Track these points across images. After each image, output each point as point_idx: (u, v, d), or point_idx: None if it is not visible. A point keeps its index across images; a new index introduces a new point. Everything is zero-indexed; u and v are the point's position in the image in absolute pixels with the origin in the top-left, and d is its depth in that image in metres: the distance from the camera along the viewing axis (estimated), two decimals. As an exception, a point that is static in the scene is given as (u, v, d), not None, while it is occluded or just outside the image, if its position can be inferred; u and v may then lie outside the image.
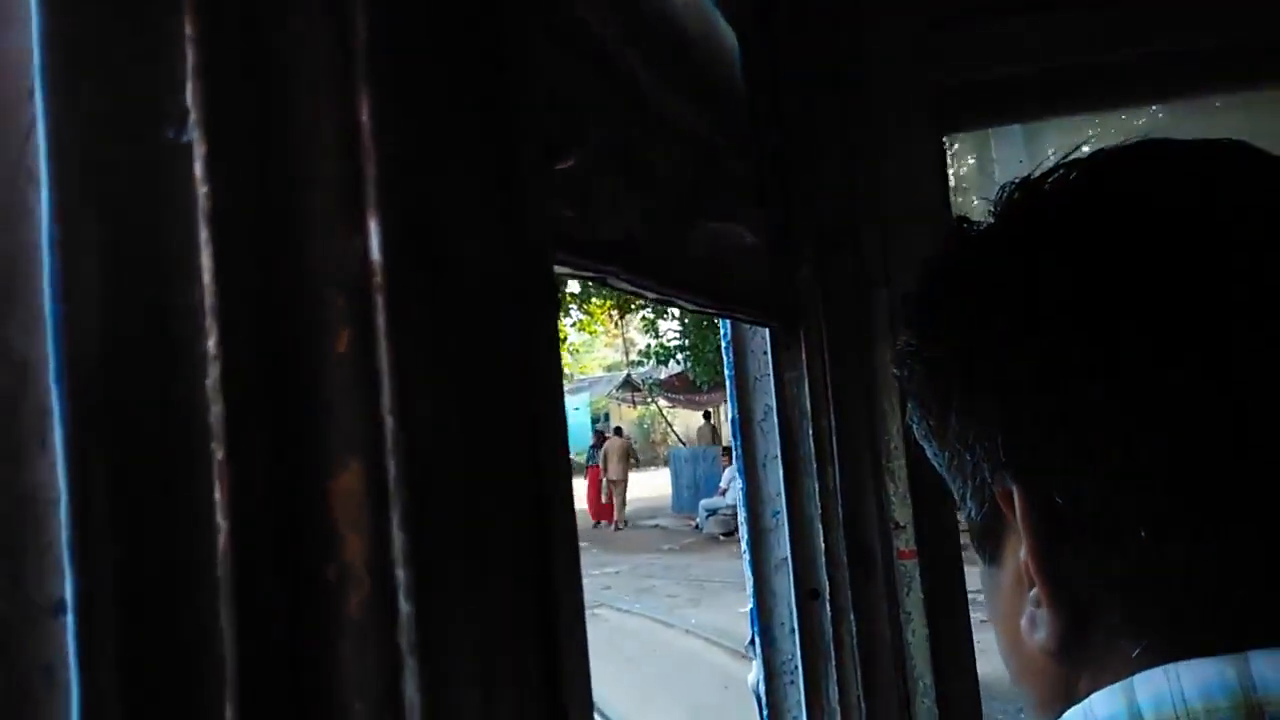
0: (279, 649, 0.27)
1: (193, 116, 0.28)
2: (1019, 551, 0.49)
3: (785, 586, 1.56)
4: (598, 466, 17.49)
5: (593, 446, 18.36)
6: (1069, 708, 0.47)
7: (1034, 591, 0.48)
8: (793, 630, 1.57)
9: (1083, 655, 0.48)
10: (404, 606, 0.28)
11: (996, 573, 0.52)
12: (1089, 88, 1.56)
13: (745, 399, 1.54)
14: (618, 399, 26.00)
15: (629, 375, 24.52)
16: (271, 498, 0.27)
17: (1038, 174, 0.52)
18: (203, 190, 0.27)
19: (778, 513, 1.56)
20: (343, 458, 0.28)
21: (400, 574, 0.28)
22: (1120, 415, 0.44)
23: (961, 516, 0.54)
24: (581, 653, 0.36)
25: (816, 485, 1.54)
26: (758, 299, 1.27)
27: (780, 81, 1.46)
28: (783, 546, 1.56)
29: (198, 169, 0.27)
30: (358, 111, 0.29)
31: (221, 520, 0.25)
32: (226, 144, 0.27)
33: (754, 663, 1.61)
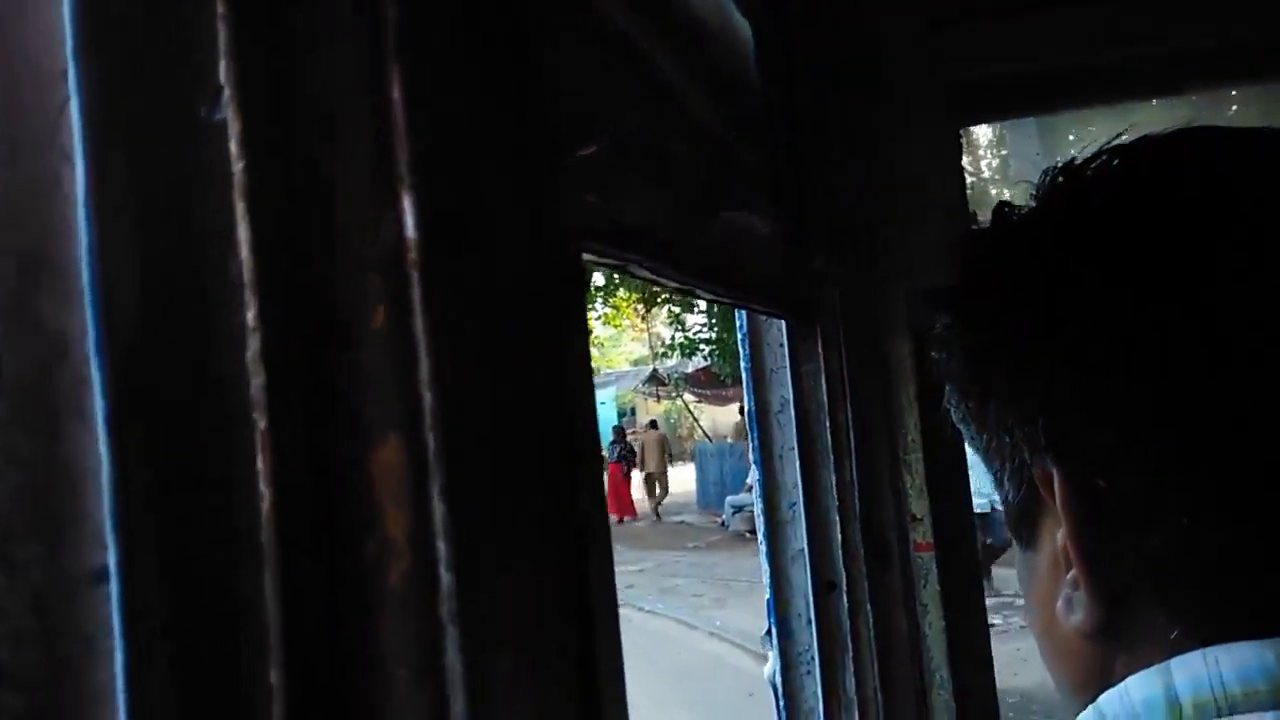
0: (322, 618, 0.27)
1: (225, 94, 0.28)
2: (1056, 535, 0.49)
3: (802, 578, 1.56)
4: (616, 464, 17.33)
5: (612, 443, 18.16)
6: (1104, 690, 0.47)
7: (1072, 574, 0.48)
8: (810, 622, 1.57)
9: (1119, 638, 0.48)
10: (444, 577, 0.28)
11: (1033, 556, 0.53)
12: (1105, 81, 1.56)
13: (762, 391, 1.54)
14: (644, 393, 25.89)
15: (655, 370, 24.34)
16: (313, 470, 0.27)
17: (1081, 160, 0.52)
18: (238, 166, 0.27)
19: (794, 505, 1.56)
20: (382, 431, 0.28)
21: (441, 546, 0.28)
22: (1162, 400, 0.44)
23: (998, 499, 0.54)
24: (614, 625, 0.36)
25: (834, 478, 1.54)
26: (774, 291, 1.27)
27: (794, 74, 1.46)
28: (799, 538, 1.56)
29: (232, 146, 0.27)
30: (390, 89, 0.30)
31: (265, 488, 0.26)
32: (260, 122, 0.28)
33: (770, 654, 1.61)
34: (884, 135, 1.57)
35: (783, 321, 1.47)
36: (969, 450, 0.56)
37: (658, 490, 17.34)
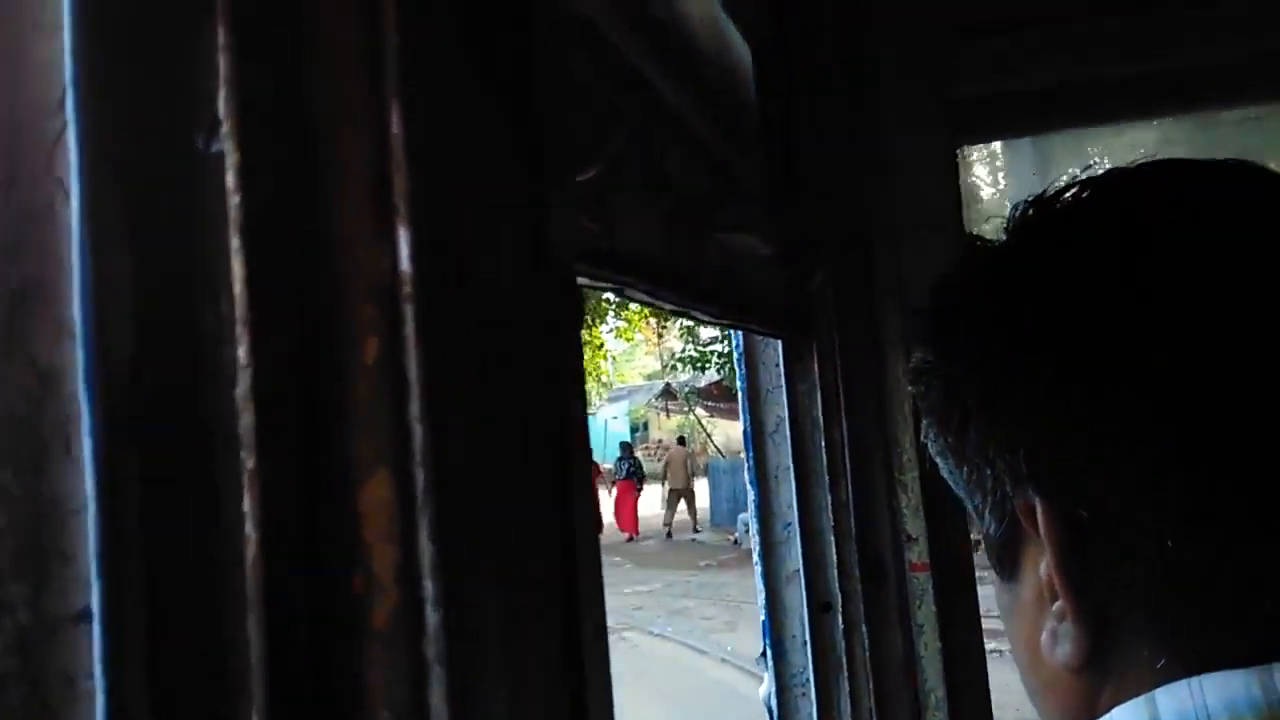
0: (306, 658, 0.27)
1: (224, 127, 0.28)
2: (1039, 567, 0.48)
3: (797, 600, 1.56)
4: (627, 481, 17.06)
5: (619, 459, 17.84)
6: None
7: (1057, 605, 0.48)
8: (805, 643, 1.56)
9: (1106, 670, 0.47)
10: (431, 617, 0.28)
11: (1014, 588, 0.52)
12: (1101, 101, 1.56)
13: (757, 410, 1.54)
14: (656, 408, 25.75)
15: (668, 384, 24.16)
16: (300, 507, 0.27)
17: (1051, 191, 0.52)
18: (234, 200, 0.27)
19: (789, 525, 1.56)
20: (371, 466, 0.28)
21: (428, 584, 0.28)
22: (1142, 427, 0.44)
23: (976, 532, 0.53)
24: (604, 664, 0.36)
25: (829, 497, 1.53)
26: (771, 310, 1.27)
27: (793, 94, 1.46)
28: (795, 559, 1.56)
29: (229, 179, 0.27)
30: (388, 123, 0.30)
31: (251, 530, 0.25)
32: (257, 154, 0.27)
33: (766, 675, 1.60)
34: (882, 154, 1.58)
35: (779, 341, 1.47)
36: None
37: (682, 505, 17.16)
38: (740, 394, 1.56)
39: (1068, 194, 0.51)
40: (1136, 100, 1.51)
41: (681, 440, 19.15)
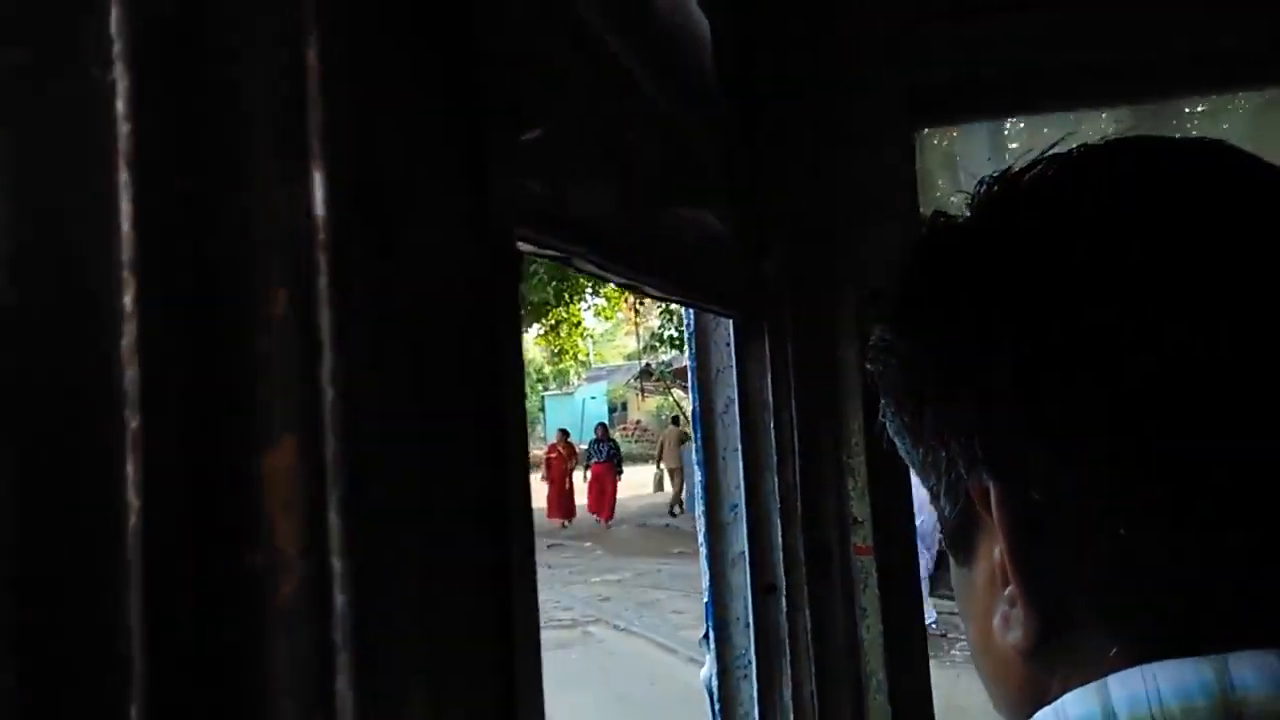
0: (197, 643, 0.24)
1: (116, 47, 0.25)
2: (994, 550, 0.48)
3: (741, 581, 1.55)
4: (605, 464, 16.57)
5: (595, 441, 17.41)
6: (1041, 709, 0.46)
7: (1009, 590, 0.47)
8: (748, 625, 1.55)
9: (1057, 655, 0.47)
10: (338, 597, 0.25)
11: (969, 572, 0.51)
12: (1061, 87, 1.56)
13: (707, 390, 1.52)
14: (635, 388, 25.63)
15: (647, 365, 24.01)
16: (193, 475, 0.24)
17: (1016, 168, 0.51)
18: (124, 129, 0.24)
19: (735, 506, 1.55)
20: (276, 432, 0.25)
21: (335, 562, 0.25)
22: (1096, 410, 0.43)
23: (931, 515, 0.53)
24: (535, 654, 0.34)
25: (776, 479, 1.52)
26: (724, 289, 1.25)
27: (752, 73, 1.44)
28: (740, 541, 1.55)
29: (120, 106, 0.24)
30: (305, 50, 0.27)
31: (134, 498, 0.23)
32: (153, 78, 0.25)
33: (708, 658, 1.59)
34: (840, 136, 1.56)
35: (730, 320, 1.45)
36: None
37: (669, 485, 16.97)
38: (690, 374, 1.54)
39: (1032, 171, 0.50)
40: (1100, 87, 1.51)
41: (676, 420, 19.01)
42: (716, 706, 1.57)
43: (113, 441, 0.23)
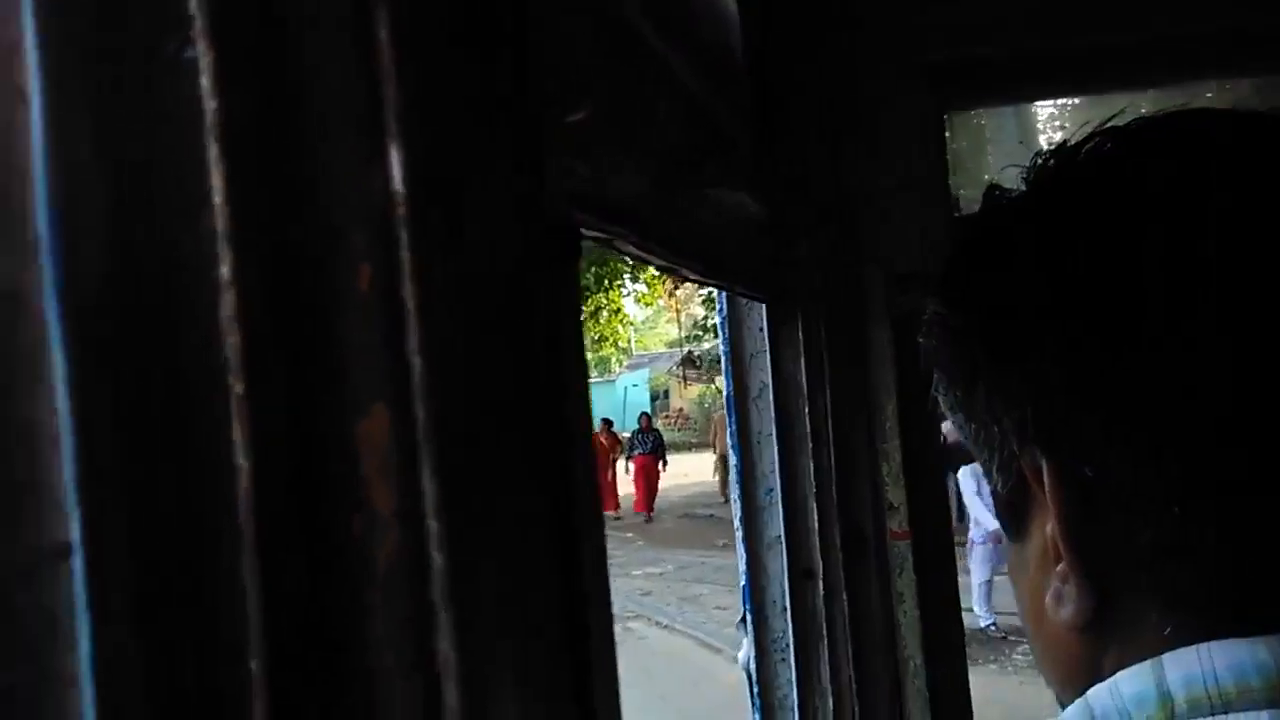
0: (304, 600, 0.25)
1: (198, 25, 0.26)
2: (1046, 526, 0.48)
3: (778, 566, 1.55)
4: (649, 456, 15.78)
5: (637, 432, 16.67)
6: (1092, 685, 0.46)
7: (1061, 566, 0.47)
8: (785, 609, 1.56)
9: (1110, 633, 0.47)
10: (436, 557, 0.26)
11: (1022, 548, 0.51)
12: (1088, 69, 1.55)
13: (741, 375, 1.53)
14: (677, 376, 25.47)
15: (690, 352, 23.83)
16: (293, 440, 0.25)
17: (1074, 142, 0.50)
18: (211, 105, 0.24)
19: (771, 491, 1.55)
20: (368, 401, 0.26)
21: (432, 524, 0.26)
22: (1150, 387, 0.43)
23: (983, 492, 0.53)
24: (605, 605, 0.34)
25: (811, 464, 1.52)
26: (757, 273, 1.26)
27: (779, 55, 1.44)
28: (776, 525, 1.55)
29: (204, 82, 0.25)
30: (377, 29, 0.27)
31: (242, 460, 0.23)
32: (234, 56, 0.25)
33: (745, 641, 1.60)
34: (867, 118, 1.56)
35: (763, 305, 1.45)
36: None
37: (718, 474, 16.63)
38: (724, 358, 1.54)
39: (1089, 145, 0.50)
40: (1130, 69, 1.50)
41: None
42: (755, 689, 1.58)
43: (219, 406, 0.24)
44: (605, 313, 20.35)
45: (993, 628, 7.23)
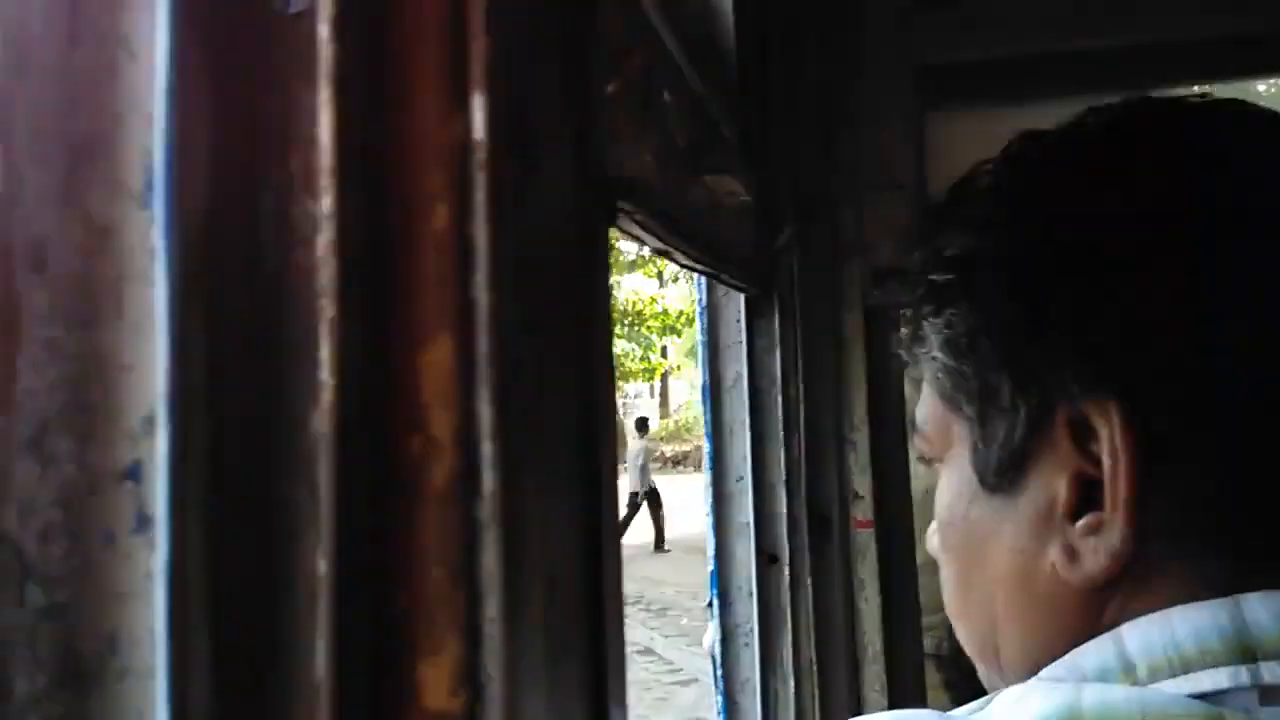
0: (368, 511, 0.27)
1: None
2: (1055, 482, 0.47)
3: (745, 551, 1.58)
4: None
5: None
6: (1080, 643, 0.46)
7: (1085, 520, 0.46)
8: (751, 594, 1.59)
9: (1118, 586, 0.46)
10: (487, 479, 0.28)
11: (1007, 501, 0.50)
12: (1073, 73, 1.59)
13: (717, 364, 1.55)
14: None
15: None
16: (370, 364, 0.27)
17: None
18: (326, 52, 0.27)
19: (741, 478, 1.58)
20: (434, 330, 0.28)
21: (486, 447, 0.28)
22: (1233, 344, 0.45)
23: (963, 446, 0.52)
24: (616, 566, 0.37)
25: (781, 452, 1.55)
26: (742, 261, 1.29)
27: (769, 49, 1.47)
28: (745, 511, 1.58)
29: (322, 30, 0.27)
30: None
31: (327, 377, 0.26)
32: (349, 8, 0.27)
33: (711, 625, 1.63)
34: (852, 115, 1.59)
35: (741, 295, 1.48)
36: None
37: None
38: (700, 347, 1.57)
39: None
40: (1115, 74, 1.54)
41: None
42: (719, 673, 1.61)
43: (311, 328, 0.26)
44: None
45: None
